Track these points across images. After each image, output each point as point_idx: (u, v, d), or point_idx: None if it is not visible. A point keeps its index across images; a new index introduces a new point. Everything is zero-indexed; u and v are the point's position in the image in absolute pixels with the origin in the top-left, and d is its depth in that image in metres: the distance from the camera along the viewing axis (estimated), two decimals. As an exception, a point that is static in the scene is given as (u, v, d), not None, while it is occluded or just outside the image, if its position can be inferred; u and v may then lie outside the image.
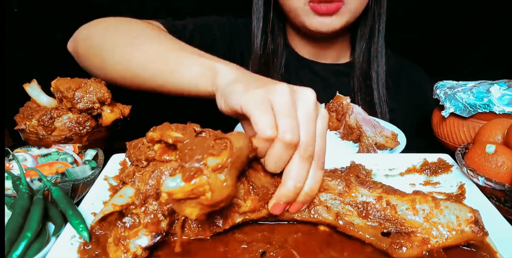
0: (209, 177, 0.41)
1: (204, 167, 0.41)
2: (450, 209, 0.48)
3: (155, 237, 0.46)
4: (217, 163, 0.42)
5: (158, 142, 0.47)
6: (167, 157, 0.46)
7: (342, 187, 0.52)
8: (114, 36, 0.78)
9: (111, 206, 0.45)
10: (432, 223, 0.48)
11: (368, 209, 0.50)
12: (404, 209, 0.49)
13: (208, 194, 0.41)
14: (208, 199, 0.41)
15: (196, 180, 0.41)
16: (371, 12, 1.00)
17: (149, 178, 0.46)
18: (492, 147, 0.60)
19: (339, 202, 0.52)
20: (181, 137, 0.44)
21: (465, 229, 0.47)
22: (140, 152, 0.48)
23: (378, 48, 1.03)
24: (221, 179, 0.42)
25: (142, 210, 0.46)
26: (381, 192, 0.51)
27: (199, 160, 0.41)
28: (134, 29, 0.79)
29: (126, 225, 0.45)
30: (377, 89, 1.03)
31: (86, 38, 0.83)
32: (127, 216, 0.46)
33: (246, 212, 0.50)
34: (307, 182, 0.49)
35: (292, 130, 0.46)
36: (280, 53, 1.05)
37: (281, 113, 0.47)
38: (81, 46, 0.83)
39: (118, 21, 0.83)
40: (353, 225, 0.50)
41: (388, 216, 0.49)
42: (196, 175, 0.41)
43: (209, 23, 1.03)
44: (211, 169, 0.41)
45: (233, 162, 0.42)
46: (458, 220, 0.48)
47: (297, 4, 0.92)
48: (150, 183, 0.46)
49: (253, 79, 0.55)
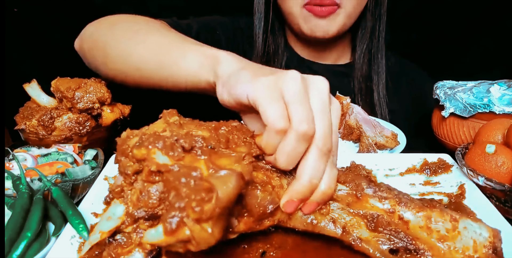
0: (193, 231, 0.36)
1: (187, 219, 0.36)
2: (468, 231, 0.44)
3: (149, 255, 0.44)
4: (200, 216, 0.36)
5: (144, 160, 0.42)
6: (156, 177, 0.41)
7: (352, 196, 0.47)
8: (117, 32, 0.77)
9: (99, 235, 0.43)
10: (447, 246, 0.43)
11: (377, 222, 0.45)
12: (417, 227, 0.44)
13: (193, 242, 0.37)
14: (195, 248, 0.38)
15: (179, 234, 0.37)
16: (371, 13, 1.00)
17: (137, 200, 0.42)
18: (492, 147, 0.60)
19: (346, 214, 0.47)
20: (166, 164, 0.39)
21: (481, 256, 0.43)
22: (127, 162, 0.43)
23: (379, 49, 1.04)
24: (207, 230, 0.37)
25: (133, 230, 0.43)
26: (394, 204, 0.46)
27: (182, 209, 0.36)
28: (137, 24, 0.78)
29: (119, 242, 0.43)
30: (377, 90, 1.03)
31: (91, 35, 0.82)
32: (119, 233, 0.44)
33: (240, 231, 0.45)
34: (324, 179, 0.44)
35: (307, 120, 0.41)
36: (280, 53, 1.05)
37: (294, 102, 0.42)
38: (86, 43, 0.82)
39: (123, 18, 0.83)
40: (361, 239, 0.46)
41: (399, 232, 0.45)
42: (179, 228, 0.37)
43: (213, 23, 1.03)
44: (195, 219, 0.36)
45: (220, 213, 0.37)
46: (475, 245, 0.43)
47: (293, 8, 0.93)
48: (138, 205, 0.42)
49: (260, 67, 0.52)
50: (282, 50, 1.05)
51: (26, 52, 1.27)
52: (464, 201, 0.59)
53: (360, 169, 0.62)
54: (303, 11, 0.92)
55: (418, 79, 1.15)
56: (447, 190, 0.63)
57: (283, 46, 1.06)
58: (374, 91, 1.03)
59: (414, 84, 1.13)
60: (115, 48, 0.75)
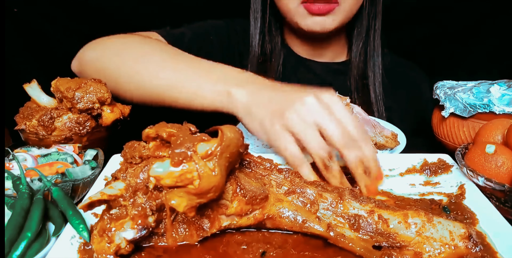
0: (198, 163, 0.41)
1: (193, 153, 0.41)
2: (443, 225, 0.48)
3: (141, 231, 0.45)
4: (206, 150, 0.41)
5: (153, 139, 0.47)
6: (161, 153, 0.46)
7: (335, 198, 0.52)
8: (129, 61, 0.79)
9: (99, 194, 0.45)
10: (425, 238, 0.47)
11: (360, 222, 0.50)
12: (396, 223, 0.49)
13: (196, 182, 0.41)
14: (196, 187, 0.41)
15: (185, 165, 0.40)
16: (367, 11, 1.01)
17: (140, 172, 0.45)
18: (492, 147, 0.60)
19: (331, 213, 0.51)
20: (176, 132, 0.44)
21: (458, 244, 0.46)
22: (134, 150, 0.48)
23: (375, 47, 1.04)
24: (210, 167, 0.41)
25: (130, 202, 0.45)
26: (373, 206, 0.51)
27: (189, 147, 0.41)
28: (142, 51, 0.81)
29: (112, 217, 0.45)
30: (373, 88, 1.04)
31: (95, 61, 0.84)
32: (115, 208, 0.46)
33: (233, 214, 0.49)
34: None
35: (322, 148, 0.57)
36: (277, 52, 1.06)
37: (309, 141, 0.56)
38: (90, 69, 0.85)
39: (123, 42, 0.85)
40: (344, 236, 0.49)
41: (380, 230, 0.49)
42: (185, 161, 0.41)
43: (206, 29, 1.04)
44: (201, 156, 0.41)
45: (223, 151, 0.42)
46: (451, 235, 0.47)
47: (290, 5, 0.93)
48: (140, 177, 0.45)
49: (271, 97, 0.61)
50: (279, 49, 1.06)
51: (26, 52, 1.27)
52: (464, 201, 0.59)
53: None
54: (301, 8, 0.92)
55: (414, 77, 1.16)
56: (447, 190, 0.63)
57: (280, 45, 1.07)
58: (371, 89, 1.04)
59: (410, 82, 1.14)
60: (129, 80, 0.78)
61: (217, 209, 0.49)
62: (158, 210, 0.46)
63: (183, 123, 0.48)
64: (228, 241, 0.51)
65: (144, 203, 0.45)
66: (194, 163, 0.41)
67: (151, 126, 0.47)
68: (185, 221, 0.49)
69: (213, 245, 0.50)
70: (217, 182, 0.42)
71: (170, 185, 0.42)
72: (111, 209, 0.46)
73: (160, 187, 0.45)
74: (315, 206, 0.51)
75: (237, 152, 0.45)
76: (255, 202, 0.49)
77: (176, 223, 0.49)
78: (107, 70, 0.81)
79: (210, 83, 0.68)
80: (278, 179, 0.54)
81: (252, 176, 0.53)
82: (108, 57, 0.82)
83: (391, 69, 1.10)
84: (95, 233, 0.45)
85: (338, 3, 0.91)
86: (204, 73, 0.71)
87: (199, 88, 0.69)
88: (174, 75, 0.73)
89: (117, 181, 0.47)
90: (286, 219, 0.51)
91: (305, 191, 0.53)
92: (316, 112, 0.56)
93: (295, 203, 0.52)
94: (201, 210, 0.48)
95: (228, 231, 0.52)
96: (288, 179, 0.54)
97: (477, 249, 0.46)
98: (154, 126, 0.47)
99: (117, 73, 0.79)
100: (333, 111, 0.56)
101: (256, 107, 0.61)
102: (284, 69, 1.06)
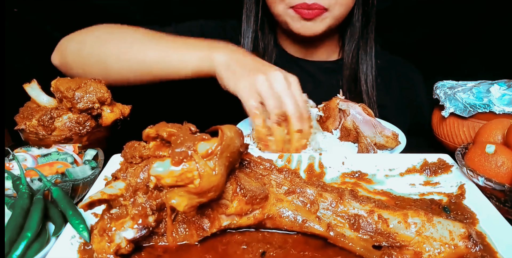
0: (198, 163, 0.41)
1: (194, 153, 0.41)
2: (443, 224, 0.48)
3: (141, 230, 0.45)
4: (206, 150, 0.42)
5: (153, 139, 0.47)
6: (161, 153, 0.46)
7: (335, 198, 0.52)
8: (114, 43, 0.85)
9: (99, 193, 0.45)
10: (425, 237, 0.47)
11: (360, 221, 0.50)
12: (396, 223, 0.49)
13: (196, 181, 0.41)
14: (196, 186, 0.41)
15: (185, 165, 0.41)
16: (359, 12, 1.01)
17: (140, 171, 0.46)
18: (492, 147, 0.60)
19: (331, 213, 0.51)
20: (176, 131, 0.44)
21: (458, 244, 0.46)
22: (135, 149, 0.48)
23: (367, 47, 1.05)
24: (211, 166, 0.42)
25: (130, 202, 0.45)
26: (373, 206, 0.51)
27: (189, 146, 0.42)
28: (128, 34, 0.87)
29: (113, 216, 0.45)
30: (366, 88, 1.05)
31: (80, 48, 0.88)
32: (115, 207, 0.46)
33: (233, 214, 0.49)
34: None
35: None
36: (270, 52, 1.06)
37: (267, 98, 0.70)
38: (74, 59, 0.88)
39: (109, 29, 0.89)
40: (344, 236, 0.49)
41: (380, 230, 0.49)
42: (186, 160, 0.41)
43: (194, 28, 1.05)
44: (201, 155, 0.41)
45: (223, 150, 0.42)
46: (451, 235, 0.47)
47: (279, 9, 0.95)
48: (141, 177, 0.45)
49: (242, 61, 0.74)
50: (272, 48, 1.07)
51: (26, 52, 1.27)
52: (464, 201, 0.59)
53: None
54: (291, 11, 0.93)
55: (408, 75, 1.16)
56: (447, 190, 0.63)
57: (272, 44, 1.07)
58: (363, 87, 1.04)
59: (404, 80, 1.14)
60: (117, 59, 0.83)
61: (217, 208, 0.49)
62: (158, 209, 0.46)
63: (183, 123, 0.48)
64: (228, 241, 0.51)
65: (144, 203, 0.45)
66: (194, 162, 0.41)
67: (151, 126, 0.47)
68: (185, 221, 0.49)
69: (213, 245, 0.50)
70: (218, 181, 0.42)
71: (171, 184, 0.42)
72: (111, 209, 0.46)
73: (161, 186, 0.45)
74: (315, 206, 0.51)
75: (237, 151, 0.46)
76: (255, 202, 0.49)
77: (176, 223, 0.49)
78: (93, 55, 0.85)
79: (193, 51, 0.79)
80: (278, 178, 0.54)
81: (252, 176, 0.53)
82: (91, 44, 0.87)
83: (384, 67, 1.10)
84: (95, 232, 0.46)
85: (328, 10, 0.92)
86: (186, 45, 0.81)
87: (183, 57, 0.79)
88: (158, 49, 0.81)
89: (117, 180, 0.47)
90: (286, 218, 0.51)
91: (305, 190, 0.53)
92: (281, 84, 0.71)
93: (295, 202, 0.52)
94: (201, 210, 0.48)
95: (228, 231, 0.52)
96: (288, 179, 0.54)
97: (477, 248, 0.46)
98: (154, 126, 0.47)
99: (104, 56, 0.84)
100: (292, 88, 0.72)
101: (234, 63, 0.75)
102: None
